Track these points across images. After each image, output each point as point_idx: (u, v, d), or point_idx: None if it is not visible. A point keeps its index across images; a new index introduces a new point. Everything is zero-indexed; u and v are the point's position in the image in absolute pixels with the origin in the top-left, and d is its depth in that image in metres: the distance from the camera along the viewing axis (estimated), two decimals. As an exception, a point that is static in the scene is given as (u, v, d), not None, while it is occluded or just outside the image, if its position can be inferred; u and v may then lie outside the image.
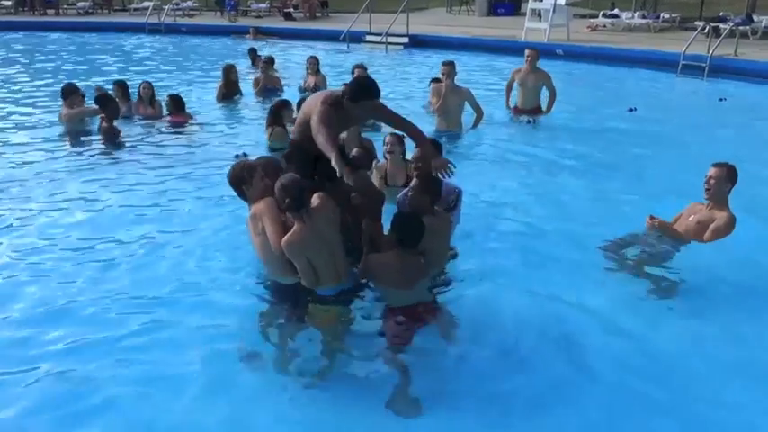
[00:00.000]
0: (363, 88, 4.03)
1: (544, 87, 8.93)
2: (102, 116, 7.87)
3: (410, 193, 4.27)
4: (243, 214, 4.18)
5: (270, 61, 10.87)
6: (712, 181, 4.61)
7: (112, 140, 7.76)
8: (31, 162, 7.22)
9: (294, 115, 7.53)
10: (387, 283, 3.92)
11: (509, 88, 9.21)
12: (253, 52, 13.03)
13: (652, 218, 4.83)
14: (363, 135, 6.54)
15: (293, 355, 3.78)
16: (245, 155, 7.20)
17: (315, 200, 3.91)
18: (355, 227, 4.27)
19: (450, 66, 8.04)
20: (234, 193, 4.19)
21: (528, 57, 8.91)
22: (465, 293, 4.31)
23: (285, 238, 3.74)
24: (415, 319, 3.80)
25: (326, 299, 3.91)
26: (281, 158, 4.42)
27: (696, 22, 15.47)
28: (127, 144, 7.81)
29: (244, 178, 4.07)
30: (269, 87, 10.42)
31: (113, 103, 8.07)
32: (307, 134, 4.12)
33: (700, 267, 4.64)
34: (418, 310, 3.85)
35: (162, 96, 9.12)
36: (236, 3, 21.89)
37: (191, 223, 5.55)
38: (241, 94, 10.38)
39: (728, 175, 4.61)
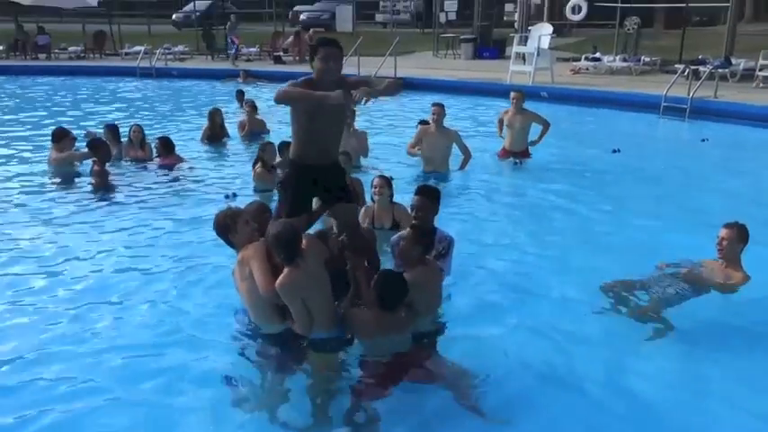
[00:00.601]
0: (318, 40, 4.13)
1: (533, 127, 8.97)
2: (93, 159, 7.93)
3: (401, 243, 4.23)
4: (233, 256, 4.18)
5: (253, 105, 11.00)
6: (725, 242, 4.69)
7: (103, 183, 7.79)
8: (21, 205, 7.23)
9: (277, 157, 7.62)
10: (363, 335, 3.90)
11: (501, 122, 9.21)
12: (240, 94, 13.17)
13: (667, 265, 4.94)
14: (352, 176, 6.61)
15: (283, 405, 3.69)
16: (234, 195, 7.28)
17: (305, 241, 3.89)
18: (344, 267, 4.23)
19: (439, 107, 8.16)
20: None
21: (513, 98, 8.97)
22: (456, 336, 4.29)
23: (278, 280, 3.71)
24: (389, 377, 3.73)
25: (321, 344, 3.86)
26: (277, 186, 4.35)
27: (676, 65, 15.83)
28: (117, 186, 7.84)
29: (228, 226, 4.05)
30: (254, 131, 10.53)
31: (105, 147, 8.13)
32: (297, 150, 4.12)
33: (707, 312, 4.65)
34: (393, 364, 3.78)
35: (152, 139, 9.19)
36: (238, 48, 22.23)
37: (180, 267, 5.53)
38: (228, 137, 10.48)
39: (739, 235, 4.68)
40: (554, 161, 9.21)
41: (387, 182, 5.70)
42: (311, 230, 4.36)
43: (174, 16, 34.98)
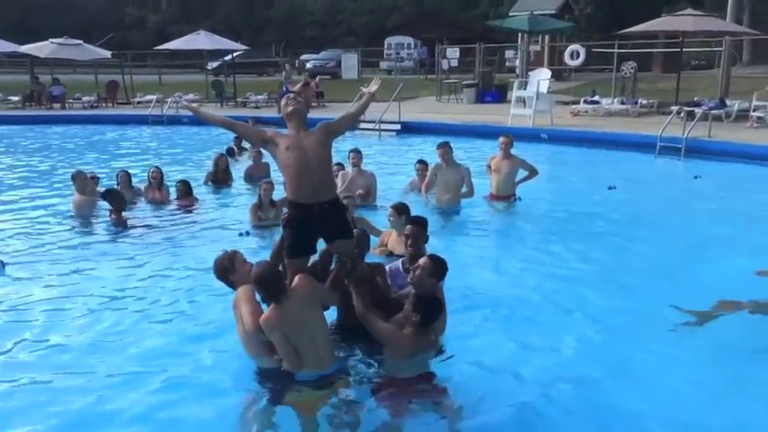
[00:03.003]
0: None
1: (519, 172, 9.02)
2: (110, 209, 8.21)
3: (418, 271, 4.26)
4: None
5: (260, 150, 11.32)
6: None
7: (122, 228, 8.07)
8: (42, 246, 7.48)
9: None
10: (404, 351, 4.05)
11: (489, 167, 9.26)
12: (238, 140, 13.49)
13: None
14: (357, 216, 6.76)
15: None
16: (248, 233, 7.60)
17: (296, 280, 3.97)
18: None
19: (444, 147, 8.49)
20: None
21: (502, 143, 8.94)
22: (459, 365, 4.48)
23: (262, 316, 3.85)
24: (409, 393, 3.94)
25: (307, 384, 3.94)
26: (281, 224, 4.35)
27: (672, 107, 16.27)
28: (136, 228, 8.11)
29: (227, 267, 4.18)
30: (260, 175, 10.64)
31: (118, 194, 8.36)
32: (287, 187, 4.12)
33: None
34: (415, 383, 4.00)
35: (171, 182, 9.56)
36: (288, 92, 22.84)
37: (193, 306, 5.68)
38: (233, 180, 10.81)
39: None
40: (555, 199, 9.63)
41: (398, 210, 5.96)
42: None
43: (209, 65, 36.06)
